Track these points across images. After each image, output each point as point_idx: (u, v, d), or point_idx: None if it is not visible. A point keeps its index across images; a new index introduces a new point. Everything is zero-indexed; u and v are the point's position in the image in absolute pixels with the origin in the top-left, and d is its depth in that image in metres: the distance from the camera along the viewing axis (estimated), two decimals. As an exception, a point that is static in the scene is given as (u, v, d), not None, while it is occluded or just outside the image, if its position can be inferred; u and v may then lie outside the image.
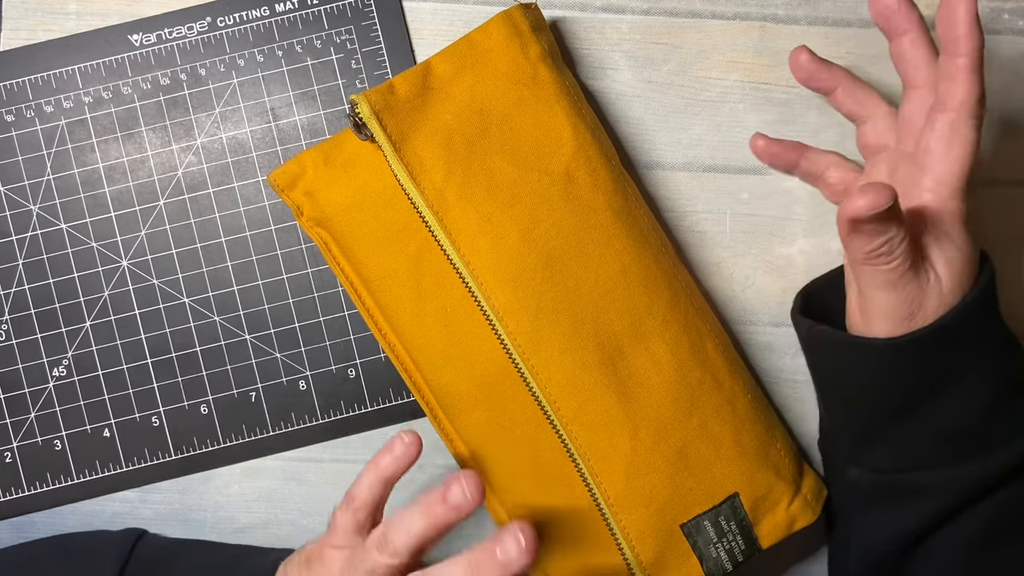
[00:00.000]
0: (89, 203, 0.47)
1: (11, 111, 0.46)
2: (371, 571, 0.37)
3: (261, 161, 0.47)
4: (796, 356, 0.47)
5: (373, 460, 0.39)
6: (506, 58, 0.42)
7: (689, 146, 0.47)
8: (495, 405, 0.42)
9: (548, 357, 0.41)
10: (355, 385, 0.47)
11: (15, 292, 0.47)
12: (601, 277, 0.41)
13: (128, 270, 0.47)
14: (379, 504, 0.39)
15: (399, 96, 0.41)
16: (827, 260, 0.47)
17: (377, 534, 0.37)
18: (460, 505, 0.36)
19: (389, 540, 0.37)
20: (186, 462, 0.47)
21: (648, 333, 0.41)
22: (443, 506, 0.36)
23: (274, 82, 0.47)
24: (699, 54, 0.47)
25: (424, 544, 0.37)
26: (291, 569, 0.40)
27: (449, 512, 0.36)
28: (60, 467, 0.47)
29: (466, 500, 0.36)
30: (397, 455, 0.39)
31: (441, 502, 0.36)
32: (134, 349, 0.47)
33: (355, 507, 0.39)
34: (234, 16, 0.47)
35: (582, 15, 0.47)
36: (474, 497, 0.36)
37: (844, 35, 0.47)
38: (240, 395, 0.47)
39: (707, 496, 0.41)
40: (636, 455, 0.41)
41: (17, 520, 0.47)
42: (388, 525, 0.37)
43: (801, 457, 0.45)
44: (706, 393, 0.42)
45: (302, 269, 0.47)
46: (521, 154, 0.41)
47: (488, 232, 0.41)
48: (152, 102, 0.47)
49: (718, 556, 0.41)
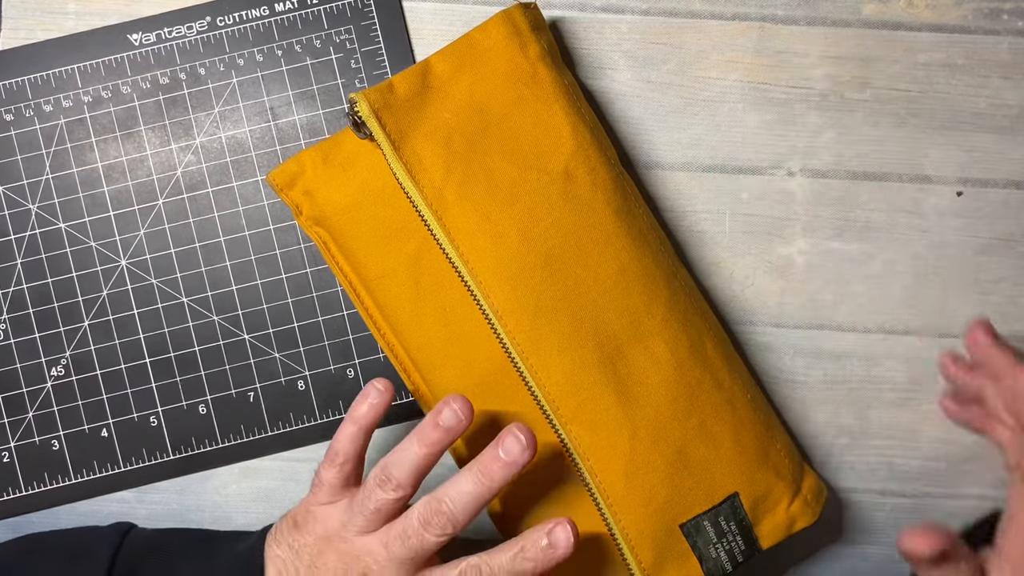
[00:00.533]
0: (88, 202, 0.47)
1: (10, 110, 0.46)
2: (377, 510, 0.38)
3: (260, 160, 0.47)
4: (795, 356, 0.47)
5: (350, 413, 0.40)
6: (505, 57, 0.42)
7: (688, 146, 0.47)
8: (494, 404, 0.42)
9: (547, 356, 0.40)
10: (354, 385, 0.47)
11: (13, 291, 0.46)
12: (600, 276, 0.41)
13: (127, 269, 0.47)
14: (361, 456, 0.40)
15: (398, 95, 0.41)
16: (827, 260, 0.47)
17: (376, 473, 0.38)
18: (452, 427, 0.38)
19: (390, 476, 0.38)
20: (184, 462, 0.47)
21: (647, 332, 0.41)
22: (437, 430, 0.38)
23: (273, 82, 0.47)
24: (698, 54, 0.47)
25: (423, 471, 0.38)
26: (280, 535, 0.40)
27: (443, 434, 0.38)
28: (58, 467, 0.47)
29: (458, 420, 0.38)
30: (374, 402, 0.40)
31: (434, 427, 0.38)
32: (132, 349, 0.46)
33: (340, 461, 0.40)
34: (233, 16, 0.47)
35: (581, 15, 0.47)
36: (466, 415, 0.38)
37: (844, 35, 0.47)
38: (238, 395, 0.47)
39: (707, 496, 0.41)
40: (635, 454, 0.40)
41: (14, 520, 0.47)
42: (385, 462, 0.38)
43: (801, 457, 0.44)
44: (705, 393, 0.42)
45: (301, 269, 0.47)
46: (520, 153, 0.41)
47: (487, 231, 0.40)
48: (151, 101, 0.47)
49: (718, 556, 0.41)
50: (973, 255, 0.47)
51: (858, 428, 0.47)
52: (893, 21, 0.47)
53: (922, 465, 0.47)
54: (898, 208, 0.47)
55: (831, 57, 0.47)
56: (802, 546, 0.47)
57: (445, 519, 0.37)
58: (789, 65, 0.47)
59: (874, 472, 0.47)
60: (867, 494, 0.47)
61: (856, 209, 0.47)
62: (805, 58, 0.47)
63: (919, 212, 0.47)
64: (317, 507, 0.40)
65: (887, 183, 0.47)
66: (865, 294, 0.47)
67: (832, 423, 0.47)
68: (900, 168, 0.47)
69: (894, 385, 0.47)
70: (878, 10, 0.47)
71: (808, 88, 0.47)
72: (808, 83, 0.47)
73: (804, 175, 0.47)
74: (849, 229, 0.47)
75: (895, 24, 0.47)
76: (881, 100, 0.47)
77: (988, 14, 0.47)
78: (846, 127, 0.47)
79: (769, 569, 0.47)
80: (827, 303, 0.47)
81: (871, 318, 0.47)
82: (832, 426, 0.47)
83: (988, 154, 0.47)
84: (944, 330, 0.47)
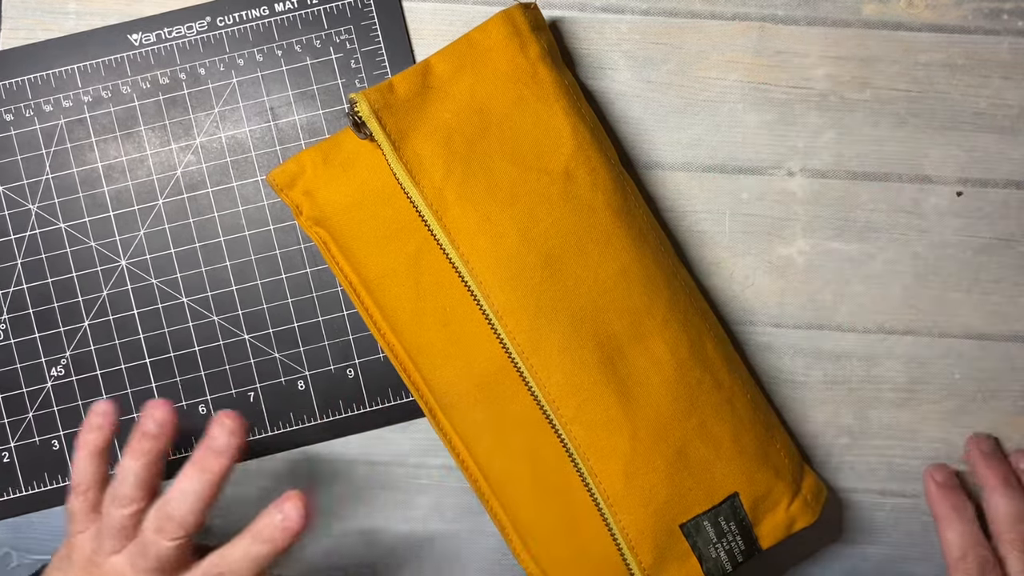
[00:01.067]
0: (88, 202, 0.47)
1: (10, 110, 0.46)
2: (119, 529, 0.39)
3: (260, 160, 0.47)
4: (795, 356, 0.47)
5: (78, 442, 0.40)
6: (505, 57, 0.42)
7: (688, 146, 0.47)
8: (494, 405, 0.42)
9: (547, 356, 0.40)
10: (354, 385, 0.47)
11: (13, 291, 0.46)
12: (600, 276, 0.41)
13: (127, 269, 0.47)
14: (102, 480, 0.41)
15: (398, 95, 0.41)
16: (827, 260, 0.47)
17: (108, 493, 0.39)
18: (155, 432, 0.39)
19: (118, 493, 0.39)
20: (184, 462, 0.47)
21: (647, 332, 0.41)
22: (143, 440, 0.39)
23: (273, 82, 0.47)
24: (698, 54, 0.47)
25: (148, 481, 0.39)
26: (51, 571, 0.41)
27: (151, 442, 0.39)
28: (58, 467, 0.47)
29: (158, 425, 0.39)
30: (98, 425, 0.40)
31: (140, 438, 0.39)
32: (132, 349, 0.46)
33: (82, 490, 0.40)
34: (233, 16, 0.47)
35: (581, 15, 0.47)
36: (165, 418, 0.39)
37: (844, 35, 0.47)
38: (238, 395, 0.47)
39: (707, 496, 0.41)
40: (635, 455, 0.40)
41: (14, 520, 0.47)
42: (113, 482, 0.39)
43: (801, 457, 0.44)
44: (705, 393, 0.42)
45: (301, 269, 0.47)
46: (520, 153, 0.41)
47: (487, 231, 0.40)
48: (151, 101, 0.47)
49: (718, 556, 0.41)
50: (973, 255, 0.47)
51: (858, 428, 0.47)
52: (893, 21, 0.47)
53: (922, 465, 0.47)
54: (898, 208, 0.47)
55: (831, 57, 0.47)
56: (802, 546, 0.47)
57: (175, 523, 0.38)
58: (789, 65, 0.47)
59: (874, 472, 0.47)
60: (867, 494, 0.47)
61: (856, 209, 0.47)
62: (805, 58, 0.47)
63: (919, 212, 0.47)
64: (75, 537, 0.41)
65: (887, 183, 0.47)
66: (865, 294, 0.47)
67: (832, 423, 0.47)
68: (900, 168, 0.47)
69: (894, 385, 0.47)
70: (878, 10, 0.47)
71: (808, 88, 0.47)
72: (808, 83, 0.47)
73: (804, 175, 0.47)
74: (849, 229, 0.47)
75: (895, 24, 0.47)
76: (881, 100, 0.47)
77: (988, 14, 0.47)
78: (846, 127, 0.47)
79: (769, 569, 0.47)
80: (827, 303, 0.47)
81: (871, 318, 0.47)
82: (832, 426, 0.47)
83: (988, 154, 0.47)
84: (944, 330, 0.47)
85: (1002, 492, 0.44)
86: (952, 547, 0.43)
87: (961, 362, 0.47)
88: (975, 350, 0.47)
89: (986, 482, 0.45)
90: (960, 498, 0.45)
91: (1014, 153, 0.47)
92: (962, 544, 0.43)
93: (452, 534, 0.47)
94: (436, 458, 0.47)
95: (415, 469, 0.47)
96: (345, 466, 0.47)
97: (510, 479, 0.43)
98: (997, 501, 0.44)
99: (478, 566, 0.47)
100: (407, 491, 0.47)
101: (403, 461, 0.47)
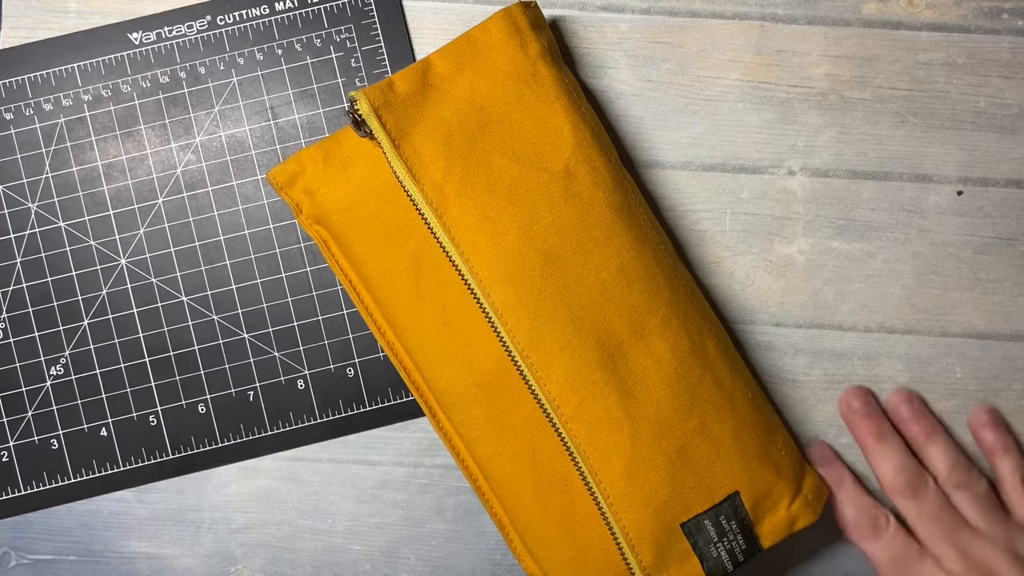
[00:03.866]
0: (88, 201, 0.47)
1: (10, 109, 0.46)
2: None
3: (260, 159, 0.47)
4: (796, 356, 0.47)
5: None
6: (506, 56, 0.42)
7: (689, 145, 0.47)
8: (494, 403, 0.41)
9: (547, 355, 0.40)
10: (354, 384, 0.47)
11: (13, 290, 0.46)
12: (601, 275, 0.41)
13: (126, 268, 0.47)
14: None
15: (398, 93, 0.41)
16: (827, 259, 0.47)
17: None
18: None
19: None
20: (183, 461, 0.47)
21: (648, 331, 0.41)
22: None
23: (273, 80, 0.47)
24: (699, 53, 0.47)
25: None
26: None
27: None
28: (57, 466, 0.46)
29: None
30: None
31: None
32: (132, 348, 0.46)
33: None
34: (234, 15, 0.47)
35: (582, 14, 0.47)
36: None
37: (844, 34, 0.47)
38: (238, 394, 0.47)
39: (707, 495, 0.41)
40: (636, 453, 0.40)
41: (13, 520, 0.47)
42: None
43: (802, 457, 0.44)
44: (706, 391, 0.41)
45: (301, 267, 0.47)
46: (521, 151, 0.41)
47: (487, 229, 0.40)
48: (151, 100, 0.47)
49: (719, 556, 0.41)
50: (974, 254, 0.47)
51: (859, 427, 0.47)
52: (893, 20, 0.47)
53: (923, 465, 0.47)
54: (898, 207, 0.47)
55: (831, 56, 0.47)
56: (802, 546, 0.47)
57: None
58: (789, 64, 0.47)
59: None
60: (868, 494, 0.47)
61: (856, 208, 0.47)
62: (805, 57, 0.47)
63: (919, 211, 0.47)
64: None
65: (888, 182, 0.47)
66: (866, 293, 0.47)
67: (832, 423, 0.47)
68: (900, 167, 0.47)
69: (894, 384, 0.47)
70: (878, 9, 0.47)
71: (808, 87, 0.47)
72: (808, 82, 0.47)
73: (804, 174, 0.47)
74: (849, 228, 0.47)
75: (895, 23, 0.47)
76: (881, 99, 0.47)
77: (988, 13, 0.47)
78: (846, 126, 0.47)
79: (769, 569, 0.47)
80: (828, 302, 0.47)
81: (872, 317, 0.47)
82: (832, 426, 0.47)
83: (988, 153, 0.47)
84: (945, 329, 0.47)
85: (878, 451, 0.45)
86: (886, 471, 0.45)
87: (962, 361, 0.47)
88: (976, 349, 0.47)
89: (863, 441, 0.46)
90: (883, 424, 0.46)
91: (1014, 152, 0.47)
92: (896, 464, 0.45)
93: (452, 534, 0.47)
94: (436, 458, 0.47)
95: (415, 469, 0.47)
96: (345, 466, 0.47)
97: (510, 478, 0.42)
98: (878, 460, 0.45)
99: (478, 566, 0.47)
100: (407, 491, 0.47)
101: (403, 461, 0.47)
